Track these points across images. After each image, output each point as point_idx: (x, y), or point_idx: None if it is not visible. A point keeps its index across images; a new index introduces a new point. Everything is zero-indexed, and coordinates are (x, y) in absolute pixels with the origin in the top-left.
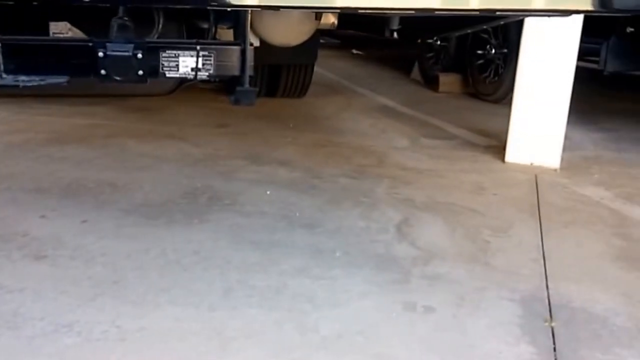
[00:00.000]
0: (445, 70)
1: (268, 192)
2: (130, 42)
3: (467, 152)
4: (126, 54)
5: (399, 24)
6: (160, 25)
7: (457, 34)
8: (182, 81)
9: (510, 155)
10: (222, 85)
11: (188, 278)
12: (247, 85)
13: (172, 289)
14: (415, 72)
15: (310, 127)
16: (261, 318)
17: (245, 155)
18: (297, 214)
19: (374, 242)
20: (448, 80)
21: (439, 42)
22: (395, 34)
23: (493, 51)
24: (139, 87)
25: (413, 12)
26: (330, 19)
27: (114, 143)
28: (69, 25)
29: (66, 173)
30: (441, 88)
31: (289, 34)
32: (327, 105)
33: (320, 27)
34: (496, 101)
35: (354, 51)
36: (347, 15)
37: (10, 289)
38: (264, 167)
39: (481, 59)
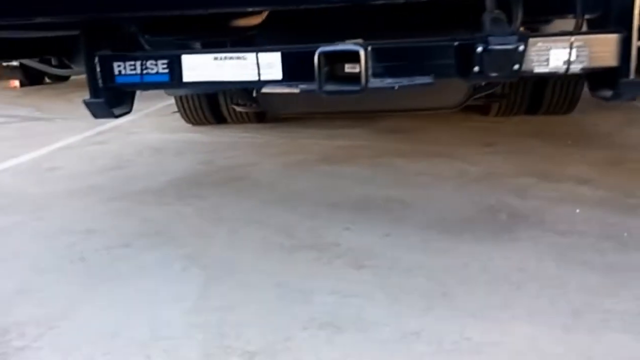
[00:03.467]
0: None
1: (577, 211)
2: (512, 35)
3: None
4: (509, 47)
5: None
6: (519, 19)
7: None
8: (471, 94)
9: None
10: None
11: (523, 296)
12: (632, 77)
13: (511, 306)
14: None
15: (593, 143)
16: (631, 345)
17: (529, 172)
18: (625, 235)
19: None
20: None
21: None
22: None
23: None
24: (427, 101)
25: None
26: None
27: (383, 162)
28: None
29: (350, 190)
30: None
31: None
32: (601, 122)
33: None
34: None
35: None
36: None
37: (344, 294)
38: (559, 184)
39: None
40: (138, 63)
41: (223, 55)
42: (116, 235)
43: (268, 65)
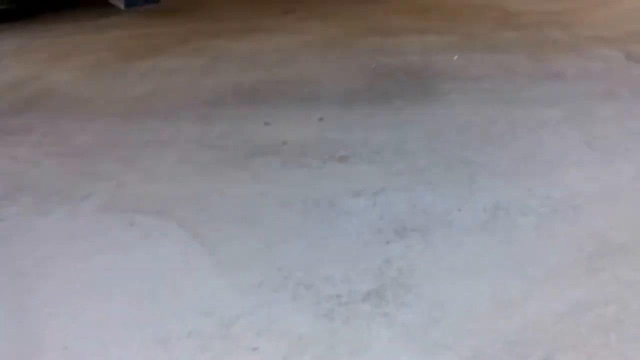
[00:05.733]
0: None
1: (456, 57)
2: None
3: None
4: None
5: None
6: None
7: None
8: None
9: None
10: None
11: (531, 145)
12: None
13: (534, 159)
14: None
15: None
16: None
17: (364, 32)
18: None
19: None
20: None
21: None
22: None
23: None
24: None
25: None
26: None
27: (203, 47)
28: None
29: (221, 80)
30: None
31: None
32: None
33: None
34: None
35: None
36: None
37: (389, 201)
38: (405, 37)
39: None
40: None
41: None
42: None
43: None
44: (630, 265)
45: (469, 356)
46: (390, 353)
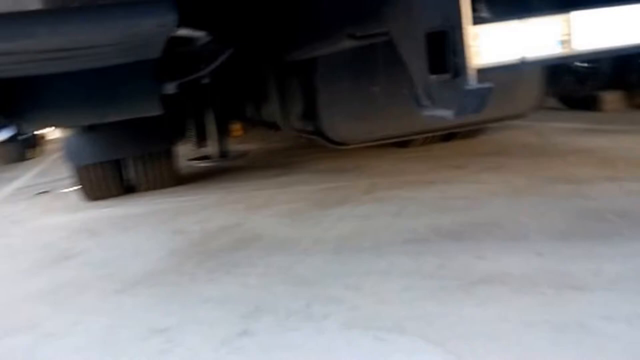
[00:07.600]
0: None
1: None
2: None
3: None
4: None
5: None
6: None
7: None
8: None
9: None
10: None
11: None
12: None
13: None
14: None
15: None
16: None
17: (541, 182)
18: None
19: None
20: (612, 99)
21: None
22: None
23: None
24: (493, 113)
25: None
26: None
27: (396, 195)
28: None
29: (416, 222)
30: (606, 107)
31: None
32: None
33: None
34: None
35: None
36: None
37: None
38: (595, 184)
39: None
40: (521, 26)
41: (621, 8)
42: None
43: None
44: None
45: None
46: None
